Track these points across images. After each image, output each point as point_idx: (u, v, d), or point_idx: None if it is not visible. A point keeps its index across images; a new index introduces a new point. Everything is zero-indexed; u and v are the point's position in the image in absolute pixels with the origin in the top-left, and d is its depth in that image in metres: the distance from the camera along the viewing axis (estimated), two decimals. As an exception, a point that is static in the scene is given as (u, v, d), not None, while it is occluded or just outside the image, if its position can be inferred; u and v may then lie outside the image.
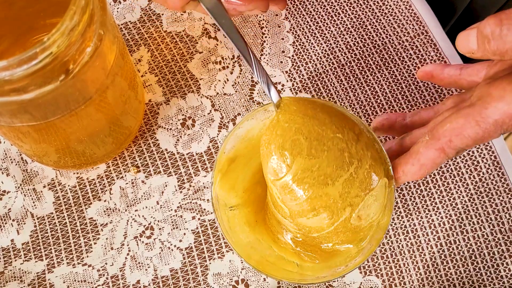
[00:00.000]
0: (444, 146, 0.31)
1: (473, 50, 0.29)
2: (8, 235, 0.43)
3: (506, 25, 0.26)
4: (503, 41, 0.27)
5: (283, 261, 0.37)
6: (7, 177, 0.44)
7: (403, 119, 0.38)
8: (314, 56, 0.49)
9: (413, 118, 0.38)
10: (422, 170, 0.32)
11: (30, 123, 0.34)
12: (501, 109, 0.29)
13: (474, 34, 0.28)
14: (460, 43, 0.29)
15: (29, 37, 0.38)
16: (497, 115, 0.29)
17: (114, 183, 0.44)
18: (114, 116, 0.40)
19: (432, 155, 0.31)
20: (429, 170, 0.32)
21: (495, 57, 0.28)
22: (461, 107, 0.32)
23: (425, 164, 0.32)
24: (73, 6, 0.29)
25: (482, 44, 0.28)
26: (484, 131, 0.29)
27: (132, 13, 0.50)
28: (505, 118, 0.29)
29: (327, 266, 0.35)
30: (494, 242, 0.43)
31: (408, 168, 0.33)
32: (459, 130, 0.30)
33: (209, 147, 0.46)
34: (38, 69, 0.29)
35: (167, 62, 0.48)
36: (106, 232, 0.43)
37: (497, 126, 0.29)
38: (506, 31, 0.26)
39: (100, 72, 0.34)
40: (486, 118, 0.29)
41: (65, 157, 0.41)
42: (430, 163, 0.32)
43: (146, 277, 0.42)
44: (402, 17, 0.50)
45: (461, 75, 0.35)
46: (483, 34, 0.27)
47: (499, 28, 0.26)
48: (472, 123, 0.29)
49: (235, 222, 0.37)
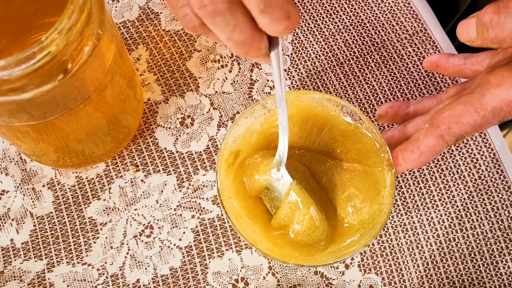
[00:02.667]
0: (443, 133, 0.31)
1: (473, 38, 0.29)
2: (8, 234, 0.43)
3: (504, 13, 0.27)
4: (501, 28, 0.27)
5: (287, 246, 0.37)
6: (6, 176, 0.44)
7: (406, 107, 0.39)
8: (313, 54, 0.49)
9: (417, 106, 0.38)
10: (422, 157, 0.32)
11: (29, 123, 0.34)
12: (499, 96, 0.29)
13: (474, 22, 0.29)
14: (461, 32, 0.30)
15: (27, 36, 0.38)
16: (495, 101, 0.29)
17: (113, 182, 0.44)
18: (113, 115, 0.40)
19: (431, 142, 0.32)
20: (428, 157, 0.32)
21: (494, 44, 0.28)
22: (461, 95, 0.32)
23: (425, 151, 0.32)
24: (71, 5, 0.29)
25: (481, 31, 0.28)
26: (482, 118, 0.30)
27: (130, 11, 0.50)
28: (503, 105, 0.29)
29: (332, 251, 0.36)
30: (493, 240, 0.43)
31: (408, 155, 0.33)
32: (457, 117, 0.30)
33: (208, 145, 0.45)
34: (36, 68, 0.29)
35: (166, 61, 0.48)
36: (105, 231, 0.43)
37: (495, 113, 0.29)
38: (504, 19, 0.27)
39: (98, 71, 0.34)
40: (484, 105, 0.29)
41: (64, 156, 0.41)
42: (430, 151, 0.32)
43: (146, 276, 0.42)
44: (400, 15, 0.50)
45: (465, 65, 0.36)
46: (482, 22, 0.28)
47: (497, 16, 0.27)
48: (470, 109, 0.30)
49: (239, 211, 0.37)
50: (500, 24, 0.27)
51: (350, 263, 0.43)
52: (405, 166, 0.34)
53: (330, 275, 0.42)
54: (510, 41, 0.27)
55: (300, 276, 0.42)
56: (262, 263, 0.42)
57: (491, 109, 0.29)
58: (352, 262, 0.43)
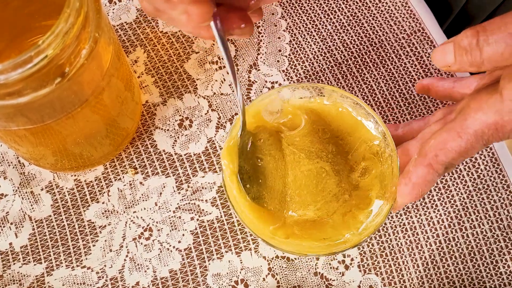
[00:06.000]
0: (431, 161, 0.31)
1: (450, 63, 0.29)
2: (7, 238, 0.43)
3: (482, 37, 0.27)
4: (480, 52, 0.28)
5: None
6: (5, 180, 0.44)
7: (395, 129, 0.40)
8: (311, 54, 0.49)
9: (405, 128, 0.39)
10: (416, 189, 0.32)
11: (27, 127, 0.34)
12: (479, 119, 0.29)
13: (451, 47, 0.29)
14: (437, 57, 0.30)
15: (23, 39, 0.38)
16: (476, 125, 0.29)
17: (112, 185, 0.44)
18: (111, 117, 0.40)
19: (421, 173, 0.32)
20: (423, 189, 0.32)
21: (472, 68, 0.28)
22: (447, 119, 0.32)
23: (417, 182, 0.32)
24: (67, 9, 0.29)
25: (460, 56, 0.28)
26: (466, 143, 0.30)
27: (127, 13, 0.49)
28: (484, 128, 0.29)
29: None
30: (493, 239, 0.43)
31: (401, 189, 0.33)
32: (442, 144, 0.31)
33: (207, 147, 0.45)
34: (33, 72, 0.29)
35: (164, 63, 0.48)
36: (104, 234, 0.43)
37: (477, 137, 0.30)
38: (483, 42, 0.27)
39: (96, 74, 0.34)
40: (466, 129, 0.30)
41: (63, 159, 0.41)
42: (422, 181, 0.32)
43: (146, 278, 0.42)
44: (398, 14, 0.50)
45: (455, 88, 0.36)
46: (460, 46, 0.28)
47: (476, 39, 0.27)
48: (454, 135, 0.30)
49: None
50: (479, 47, 0.28)
51: (350, 264, 0.43)
52: (401, 202, 0.34)
53: (330, 276, 0.42)
54: (489, 64, 0.28)
55: (300, 277, 0.42)
56: (262, 265, 0.42)
57: (473, 133, 0.30)
58: (351, 263, 0.43)
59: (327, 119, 0.39)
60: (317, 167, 0.37)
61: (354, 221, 0.37)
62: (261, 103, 0.39)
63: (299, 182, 0.37)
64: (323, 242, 0.37)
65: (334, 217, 0.37)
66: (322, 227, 0.37)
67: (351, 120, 0.39)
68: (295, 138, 0.38)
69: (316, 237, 0.37)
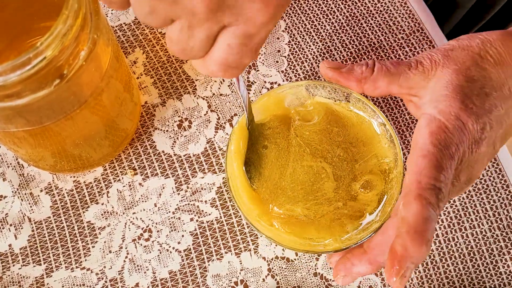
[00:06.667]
0: (418, 192, 0.29)
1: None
2: (6, 240, 0.43)
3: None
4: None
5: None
6: (4, 181, 0.44)
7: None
8: (310, 55, 0.49)
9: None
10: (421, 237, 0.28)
11: (25, 128, 0.34)
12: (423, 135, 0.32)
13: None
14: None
15: (22, 40, 0.38)
16: (425, 139, 0.32)
17: (111, 186, 0.44)
18: (110, 118, 0.40)
19: (415, 209, 0.29)
20: (426, 234, 0.28)
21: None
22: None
23: (415, 227, 0.28)
24: (65, 10, 0.29)
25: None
26: (432, 155, 0.31)
27: (126, 14, 0.49)
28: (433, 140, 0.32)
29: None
30: (493, 239, 0.43)
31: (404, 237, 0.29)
32: (417, 172, 0.31)
33: (206, 148, 0.45)
34: (32, 74, 0.29)
35: (163, 64, 0.48)
36: (104, 236, 0.43)
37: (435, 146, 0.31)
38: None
39: (94, 76, 0.34)
40: (425, 146, 0.32)
41: (62, 161, 0.41)
42: (420, 219, 0.29)
43: (145, 279, 0.42)
44: (397, 15, 0.50)
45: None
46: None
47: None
48: (419, 160, 0.31)
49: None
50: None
51: (349, 264, 0.43)
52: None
53: (330, 277, 0.42)
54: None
55: (299, 278, 0.42)
56: (262, 265, 0.42)
57: (430, 144, 0.32)
58: (351, 263, 0.43)
59: (346, 124, 0.39)
60: (319, 166, 0.37)
61: (340, 229, 0.37)
62: (288, 91, 0.40)
63: (296, 176, 0.37)
64: (303, 240, 0.37)
65: (321, 220, 0.37)
66: (306, 226, 0.37)
67: (369, 131, 0.39)
68: (305, 131, 0.38)
69: (298, 234, 0.37)
